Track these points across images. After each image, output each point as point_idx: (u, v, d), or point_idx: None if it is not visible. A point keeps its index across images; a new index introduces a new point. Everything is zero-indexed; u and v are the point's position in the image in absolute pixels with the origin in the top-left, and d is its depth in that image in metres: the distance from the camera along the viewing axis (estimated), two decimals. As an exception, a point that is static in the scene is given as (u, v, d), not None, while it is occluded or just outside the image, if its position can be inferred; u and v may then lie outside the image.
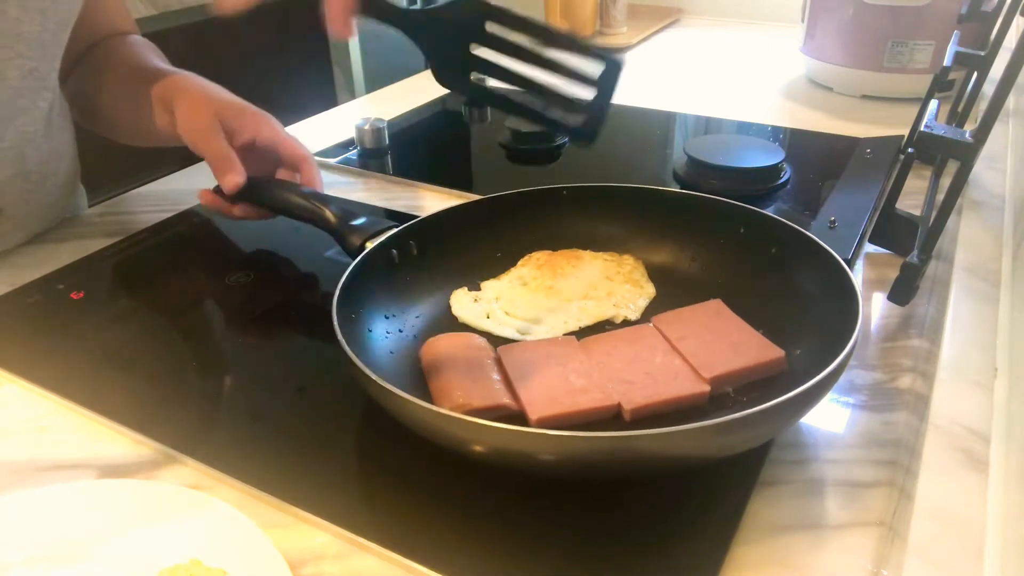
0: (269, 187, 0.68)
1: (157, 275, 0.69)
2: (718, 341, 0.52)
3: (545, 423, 0.46)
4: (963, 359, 0.52)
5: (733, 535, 0.42)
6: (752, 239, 0.58)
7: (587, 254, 0.64)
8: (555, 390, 0.48)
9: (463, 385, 0.49)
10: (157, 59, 0.78)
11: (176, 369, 0.56)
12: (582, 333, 0.56)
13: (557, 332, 0.56)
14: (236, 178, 0.66)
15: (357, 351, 0.46)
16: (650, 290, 0.60)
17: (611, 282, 0.61)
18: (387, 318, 0.57)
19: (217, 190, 0.69)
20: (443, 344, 0.54)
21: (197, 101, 0.69)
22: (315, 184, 0.69)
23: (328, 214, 0.64)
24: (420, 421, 0.42)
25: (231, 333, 0.62)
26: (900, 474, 0.46)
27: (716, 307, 0.55)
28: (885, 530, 0.42)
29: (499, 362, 0.52)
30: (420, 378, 0.52)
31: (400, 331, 0.56)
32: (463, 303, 0.60)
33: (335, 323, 0.48)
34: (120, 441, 0.50)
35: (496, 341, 0.56)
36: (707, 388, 0.48)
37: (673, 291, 0.60)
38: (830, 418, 0.50)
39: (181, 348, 0.59)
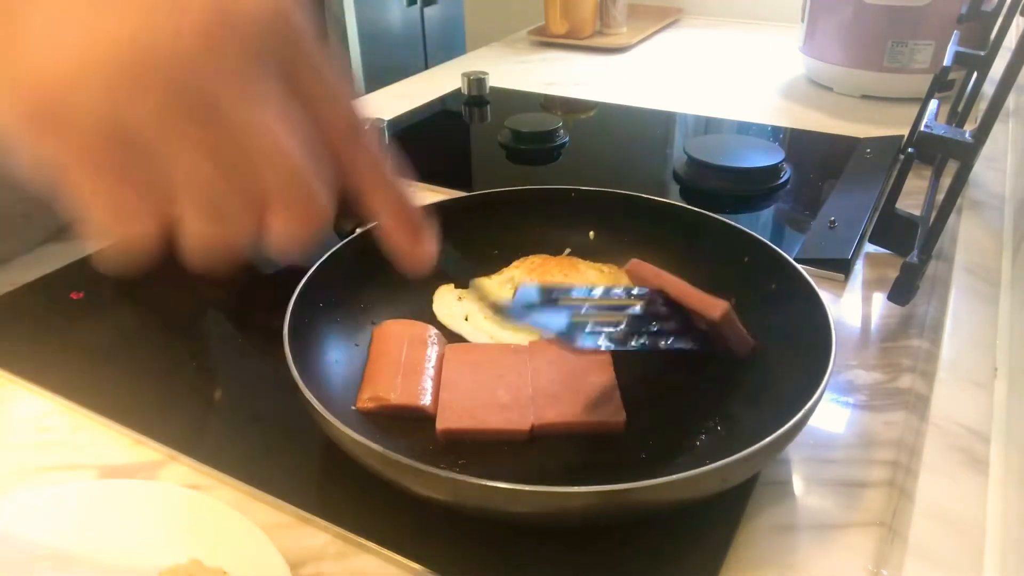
0: None
1: (157, 275, 0.68)
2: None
3: (450, 435, 0.46)
4: (963, 359, 0.52)
5: (733, 535, 0.42)
6: (754, 270, 0.55)
7: (584, 264, 0.62)
8: (476, 402, 0.48)
9: (391, 377, 0.49)
10: None
11: (176, 369, 0.56)
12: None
13: (526, 341, 0.55)
14: None
15: (315, 339, 0.46)
16: None
17: None
18: (362, 307, 0.56)
19: None
20: (394, 330, 0.54)
21: None
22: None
23: None
24: (327, 433, 0.42)
25: (231, 333, 0.62)
26: (900, 474, 0.46)
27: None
28: (885, 530, 0.42)
29: (443, 360, 0.52)
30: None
31: (373, 323, 0.55)
32: (445, 301, 0.59)
33: (289, 310, 0.47)
34: (120, 441, 0.50)
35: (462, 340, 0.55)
36: (622, 418, 0.47)
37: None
38: (830, 418, 0.50)
39: (181, 348, 0.59)
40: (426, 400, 0.48)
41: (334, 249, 0.55)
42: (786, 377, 0.47)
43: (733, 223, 0.58)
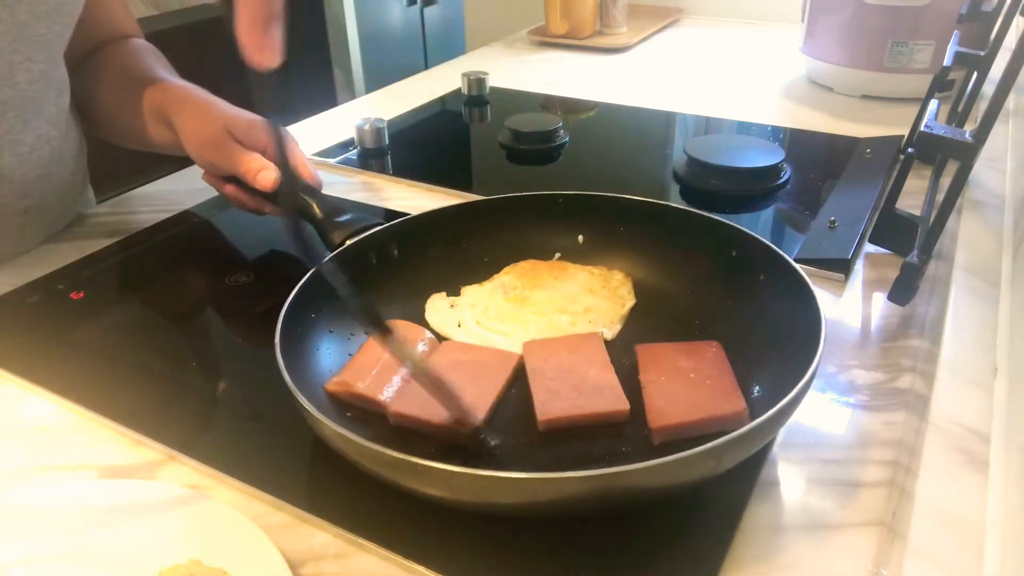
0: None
1: (157, 275, 0.69)
2: (685, 390, 0.48)
3: (400, 419, 0.47)
4: (963, 359, 0.52)
5: (733, 535, 0.42)
6: (742, 263, 0.56)
7: (573, 266, 0.62)
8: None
9: (365, 369, 0.49)
10: (158, 65, 0.77)
11: (176, 369, 0.56)
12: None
13: (519, 347, 0.54)
14: (271, 174, 0.64)
15: (307, 353, 0.47)
16: (632, 305, 0.58)
17: (593, 296, 0.59)
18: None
19: (244, 187, 0.68)
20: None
21: (202, 116, 0.69)
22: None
23: (315, 208, 0.63)
24: (322, 436, 0.42)
25: (231, 333, 0.62)
26: (900, 474, 0.46)
27: (712, 351, 0.51)
28: (885, 530, 0.42)
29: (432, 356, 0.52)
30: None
31: (366, 334, 0.55)
32: (438, 308, 0.59)
33: (280, 322, 0.47)
34: (120, 441, 0.50)
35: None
36: (626, 407, 0.47)
37: (655, 310, 0.58)
38: (830, 418, 0.51)
39: (181, 348, 0.59)
40: (386, 395, 0.48)
41: (323, 260, 0.55)
42: (780, 364, 0.47)
43: (718, 218, 0.59)
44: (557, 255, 0.64)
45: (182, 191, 0.83)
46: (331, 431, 0.40)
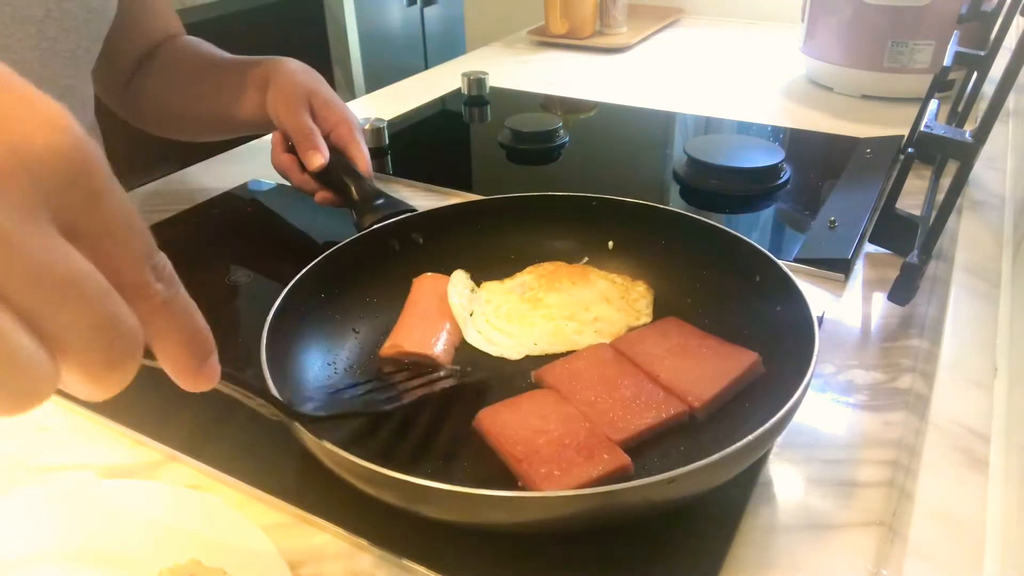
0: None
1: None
2: (691, 362, 0.49)
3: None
4: (963, 359, 0.52)
5: (733, 534, 0.42)
6: (766, 288, 0.52)
7: (597, 272, 0.61)
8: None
9: (410, 327, 0.54)
10: (221, 51, 0.82)
11: (176, 369, 0.56)
12: (544, 360, 0.53)
13: (520, 350, 0.54)
14: (319, 158, 0.67)
15: (294, 359, 0.48)
16: (646, 323, 0.56)
17: (607, 305, 0.57)
18: (368, 301, 0.57)
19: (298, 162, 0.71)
20: (428, 283, 0.58)
21: (292, 79, 0.72)
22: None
23: (353, 191, 0.66)
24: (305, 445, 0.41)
25: (231, 333, 0.62)
26: (900, 474, 0.46)
27: (675, 325, 0.53)
28: (885, 530, 0.42)
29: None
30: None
31: (376, 317, 0.56)
32: (459, 287, 0.59)
33: (265, 332, 0.47)
34: (120, 441, 0.50)
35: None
36: (685, 408, 0.47)
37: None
38: (830, 418, 0.51)
39: (181, 348, 0.59)
40: (433, 350, 0.52)
41: (334, 249, 0.55)
42: (781, 369, 0.47)
43: (757, 246, 0.54)
44: (585, 259, 0.63)
45: (182, 191, 0.83)
46: (316, 444, 0.39)
